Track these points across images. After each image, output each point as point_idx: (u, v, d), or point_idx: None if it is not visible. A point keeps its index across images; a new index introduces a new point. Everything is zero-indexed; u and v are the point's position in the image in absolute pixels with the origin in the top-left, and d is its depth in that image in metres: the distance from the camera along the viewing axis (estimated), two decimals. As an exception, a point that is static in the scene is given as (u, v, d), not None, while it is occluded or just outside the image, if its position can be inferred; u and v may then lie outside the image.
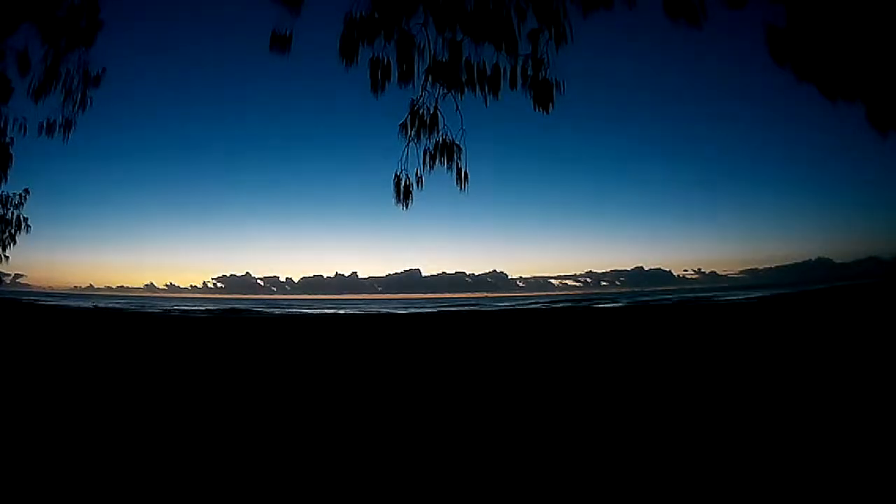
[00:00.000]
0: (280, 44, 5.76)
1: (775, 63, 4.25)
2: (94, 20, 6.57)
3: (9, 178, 8.39)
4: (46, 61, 6.43)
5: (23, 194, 13.98)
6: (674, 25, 4.65)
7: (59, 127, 6.92)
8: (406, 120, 5.87)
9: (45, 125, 6.95)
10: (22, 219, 13.89)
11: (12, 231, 13.84)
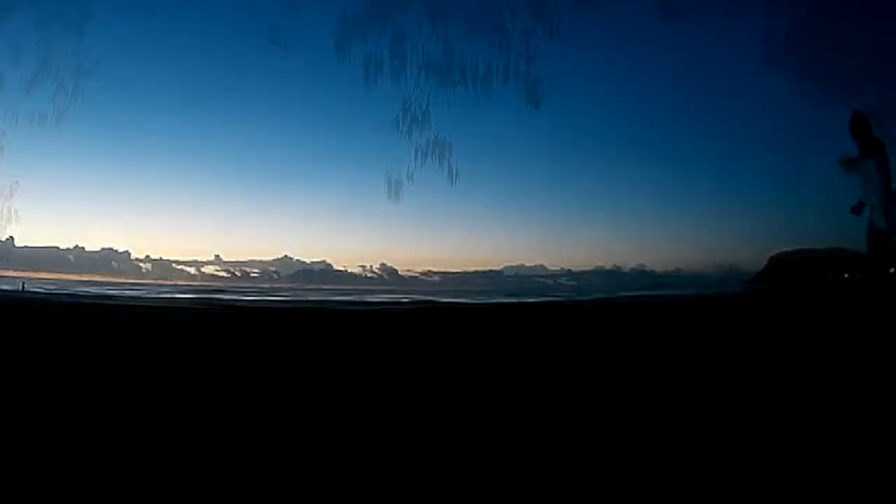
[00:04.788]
0: (276, 38, 5.79)
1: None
2: (86, 9, 6.57)
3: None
4: (39, 52, 6.43)
5: (13, 186, 13.89)
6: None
7: (51, 118, 6.93)
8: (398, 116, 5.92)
9: (37, 117, 6.95)
10: (12, 210, 13.79)
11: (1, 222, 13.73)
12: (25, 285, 41.11)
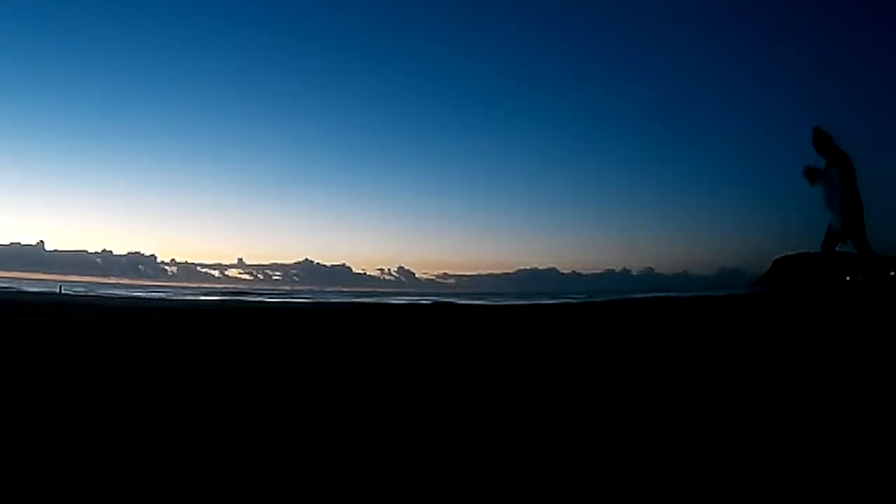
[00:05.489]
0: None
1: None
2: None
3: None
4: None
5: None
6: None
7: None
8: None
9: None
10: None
11: None
12: (62, 288, 42.89)
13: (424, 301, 34.13)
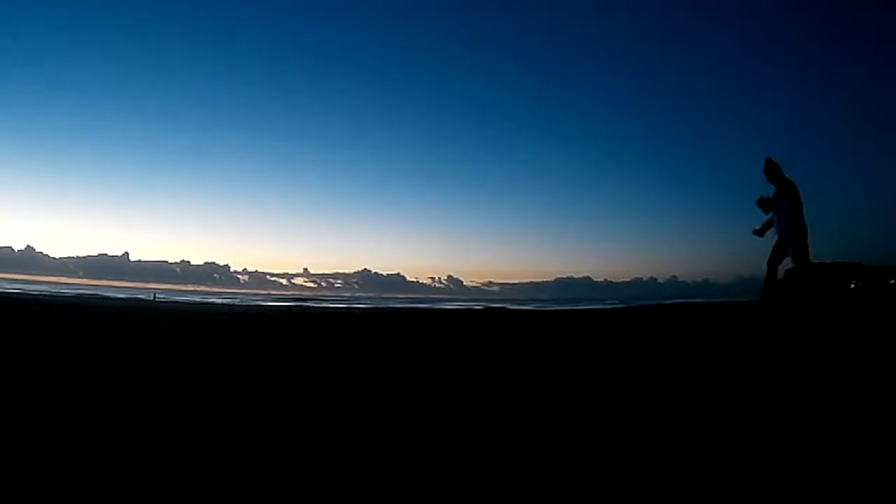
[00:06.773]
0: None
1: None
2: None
3: None
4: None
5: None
6: None
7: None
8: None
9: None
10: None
11: None
12: (156, 296, 46.29)
13: (476, 307, 34.74)
